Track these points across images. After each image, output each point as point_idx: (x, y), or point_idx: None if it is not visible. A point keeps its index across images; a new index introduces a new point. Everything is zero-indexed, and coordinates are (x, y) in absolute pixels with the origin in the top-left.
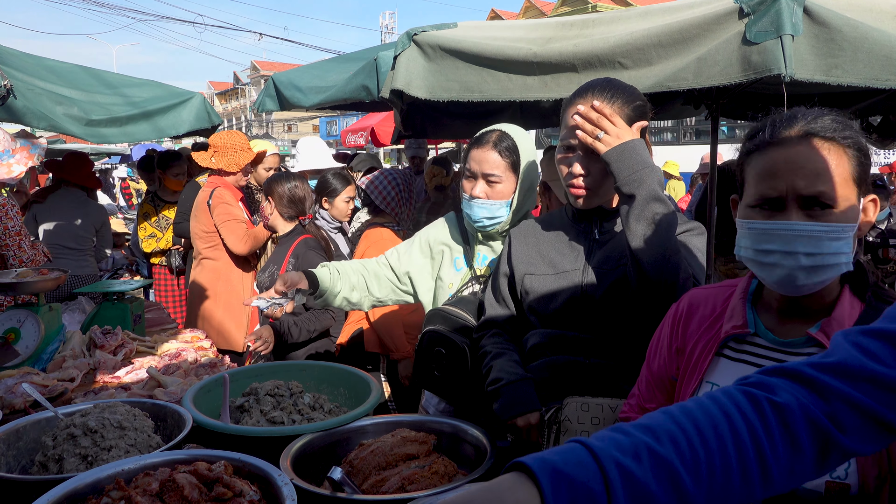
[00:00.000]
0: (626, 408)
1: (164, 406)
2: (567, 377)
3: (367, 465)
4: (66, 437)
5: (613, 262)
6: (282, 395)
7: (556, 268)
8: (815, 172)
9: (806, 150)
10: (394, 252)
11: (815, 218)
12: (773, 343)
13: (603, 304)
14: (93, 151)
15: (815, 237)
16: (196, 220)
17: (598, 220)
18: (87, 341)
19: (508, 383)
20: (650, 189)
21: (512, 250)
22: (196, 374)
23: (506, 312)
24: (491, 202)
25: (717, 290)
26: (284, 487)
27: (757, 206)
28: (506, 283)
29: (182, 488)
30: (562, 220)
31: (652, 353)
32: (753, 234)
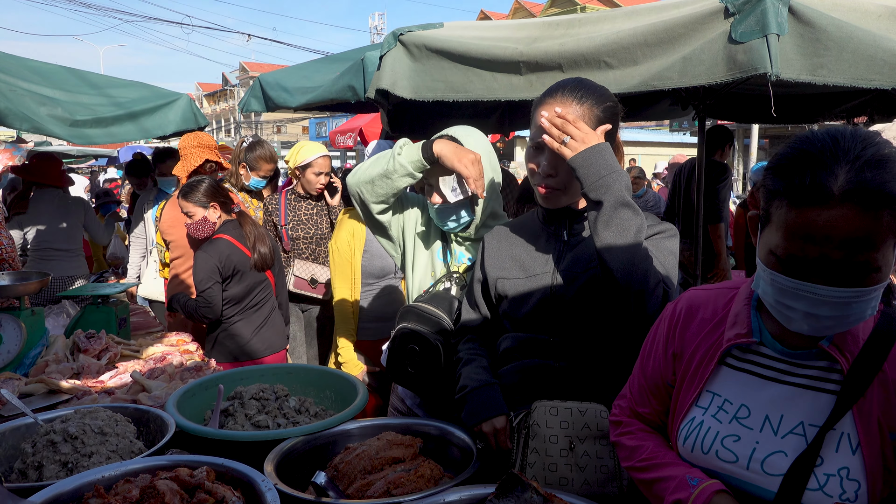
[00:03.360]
0: (616, 410)
1: (147, 411)
2: (537, 381)
3: (353, 469)
4: (46, 444)
5: (583, 265)
6: (267, 399)
7: (527, 271)
8: (856, 243)
9: (848, 215)
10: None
11: (848, 284)
12: (780, 354)
13: (573, 306)
14: (79, 154)
15: (844, 303)
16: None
17: (567, 223)
18: (70, 345)
19: (473, 390)
20: (617, 194)
21: (485, 255)
22: (181, 377)
23: (479, 318)
24: (450, 206)
25: (718, 292)
26: (268, 493)
27: (783, 258)
28: (479, 288)
29: (163, 495)
30: (533, 224)
31: (646, 355)
32: (776, 286)
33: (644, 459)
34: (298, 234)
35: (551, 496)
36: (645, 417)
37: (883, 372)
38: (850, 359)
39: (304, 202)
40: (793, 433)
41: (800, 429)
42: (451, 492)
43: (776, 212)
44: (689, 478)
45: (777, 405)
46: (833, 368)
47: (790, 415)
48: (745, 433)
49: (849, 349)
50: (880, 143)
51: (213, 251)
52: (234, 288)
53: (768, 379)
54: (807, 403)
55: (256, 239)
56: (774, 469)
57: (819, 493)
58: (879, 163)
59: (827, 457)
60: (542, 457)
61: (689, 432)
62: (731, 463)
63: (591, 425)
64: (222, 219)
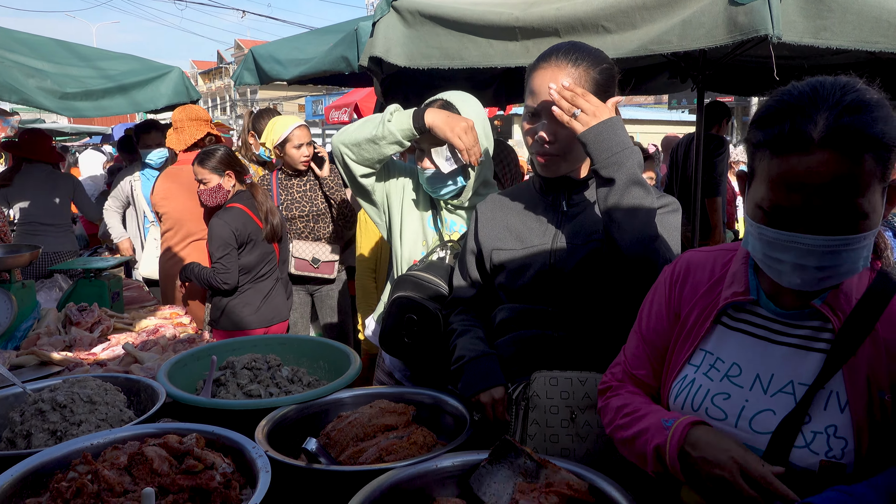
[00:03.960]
0: (607, 377)
1: (138, 381)
2: (535, 351)
3: (345, 437)
4: (35, 413)
5: (584, 237)
6: (259, 369)
7: (525, 242)
8: (839, 187)
9: (829, 159)
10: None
11: (835, 232)
12: (774, 313)
13: (573, 278)
14: (73, 131)
15: (833, 252)
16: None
17: (566, 192)
18: (62, 318)
19: (470, 360)
20: (630, 172)
21: (479, 226)
22: (174, 350)
23: (473, 290)
24: (441, 172)
25: (717, 253)
26: (259, 459)
27: (769, 211)
28: (473, 260)
29: (151, 461)
30: (529, 193)
31: (643, 317)
32: (764, 240)
33: (627, 414)
34: (294, 213)
35: (545, 462)
36: (640, 380)
37: (875, 331)
38: (843, 318)
39: (295, 180)
40: (782, 392)
41: (789, 388)
42: (443, 458)
43: (760, 164)
44: (664, 420)
45: (768, 364)
46: (825, 328)
47: (780, 374)
48: (735, 391)
49: (841, 308)
50: (861, 89)
51: (229, 219)
52: (247, 257)
53: (761, 338)
54: (797, 363)
55: (269, 210)
56: (762, 427)
57: (805, 451)
58: (859, 107)
59: (815, 415)
60: (542, 428)
61: (680, 390)
62: (720, 420)
63: (591, 395)
64: (236, 188)
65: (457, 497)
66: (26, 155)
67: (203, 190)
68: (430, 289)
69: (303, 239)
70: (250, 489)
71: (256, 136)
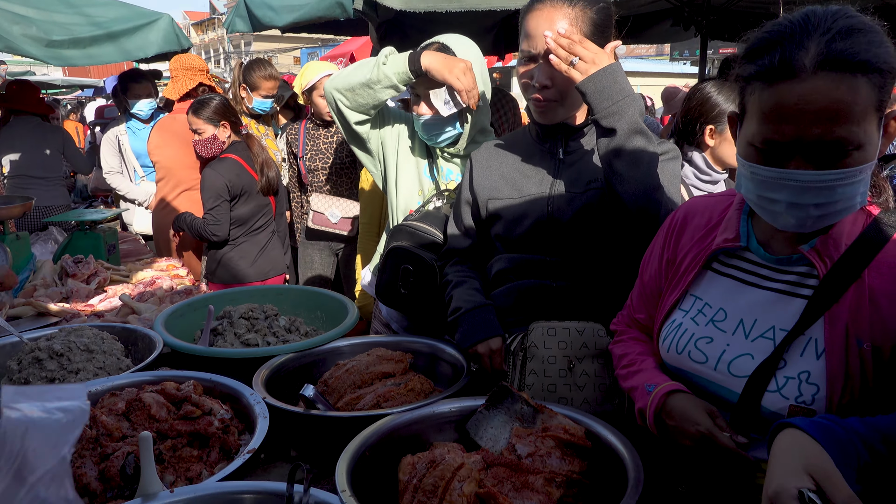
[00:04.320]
0: (615, 321)
1: (134, 330)
2: (533, 302)
3: (342, 384)
4: (32, 361)
5: (583, 185)
6: (256, 318)
7: (521, 191)
8: (832, 116)
9: (822, 86)
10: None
11: (830, 165)
12: (763, 259)
13: (571, 227)
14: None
15: (828, 187)
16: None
17: (563, 139)
18: (58, 270)
19: (467, 311)
20: (631, 121)
21: (473, 175)
22: (171, 301)
23: (468, 241)
24: (437, 118)
25: (718, 199)
26: (256, 406)
27: (761, 148)
28: (468, 210)
29: (149, 407)
30: (526, 140)
31: (644, 264)
32: (757, 179)
33: (625, 366)
34: (316, 164)
35: (541, 407)
36: (642, 324)
37: (861, 279)
38: (829, 265)
39: (323, 130)
40: (763, 337)
41: (770, 333)
42: (440, 404)
43: (751, 99)
44: (647, 385)
45: (753, 309)
46: (811, 274)
47: (763, 319)
48: (718, 336)
49: (829, 255)
50: (853, 15)
51: (222, 169)
52: (241, 209)
53: (749, 284)
54: (781, 308)
55: (264, 161)
56: (740, 371)
57: (776, 395)
58: (851, 32)
59: (790, 360)
60: (540, 378)
61: (667, 334)
62: (701, 364)
63: (589, 344)
64: (231, 139)
65: (454, 442)
66: (14, 106)
67: (198, 141)
68: (426, 239)
69: (323, 193)
70: (249, 435)
71: (248, 88)
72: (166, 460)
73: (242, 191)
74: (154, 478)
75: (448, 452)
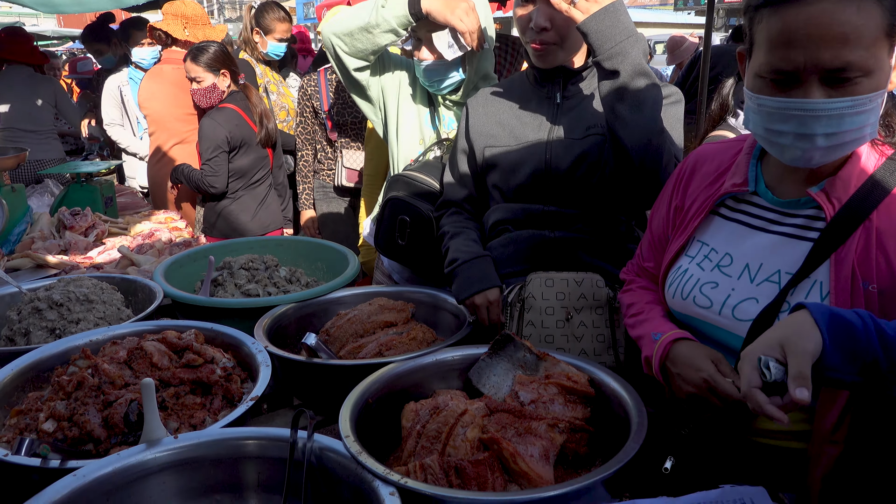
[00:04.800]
0: (626, 267)
1: (134, 280)
2: (531, 252)
3: (344, 333)
4: (32, 311)
5: (582, 131)
6: (256, 269)
7: (519, 138)
8: (841, 39)
9: (830, 7)
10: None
11: (839, 93)
12: (771, 203)
13: (569, 175)
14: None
15: (837, 116)
16: (173, 99)
17: (561, 83)
18: (55, 223)
19: (464, 263)
20: (635, 62)
21: (469, 123)
22: (170, 253)
23: (465, 191)
24: (439, 63)
25: (728, 145)
26: (258, 354)
27: (768, 78)
28: (465, 159)
29: (150, 355)
30: (523, 86)
31: (653, 212)
32: (764, 111)
33: (633, 315)
34: (345, 119)
35: (544, 354)
36: (650, 272)
37: (869, 220)
38: (837, 207)
39: None
40: (768, 281)
41: (775, 276)
42: (443, 352)
43: (758, 28)
44: (653, 334)
45: (759, 253)
46: (818, 217)
47: (769, 263)
48: (723, 280)
49: (837, 196)
50: None
51: (222, 120)
52: (240, 161)
53: (756, 228)
54: (787, 252)
55: (263, 112)
56: (744, 315)
57: None
58: None
59: (794, 303)
60: (538, 329)
61: (673, 280)
62: (706, 308)
63: (587, 295)
64: (230, 88)
65: (457, 390)
66: (7, 56)
67: (196, 90)
68: (424, 189)
69: (353, 149)
70: (251, 383)
71: (262, 32)
72: (169, 408)
73: (242, 142)
74: (157, 424)
75: (451, 399)
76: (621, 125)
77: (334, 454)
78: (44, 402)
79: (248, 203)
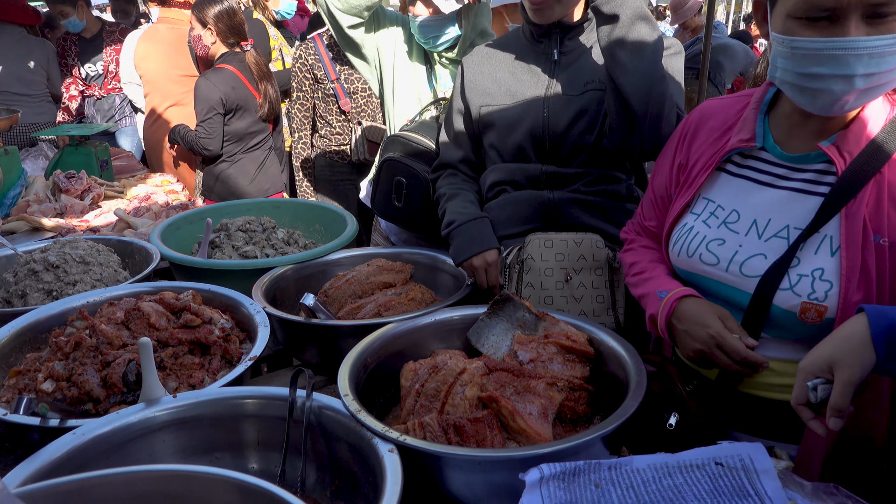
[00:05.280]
0: (626, 227)
1: (130, 242)
2: (529, 213)
3: (343, 294)
4: (28, 273)
5: (580, 87)
6: (254, 231)
7: (515, 96)
8: None
9: None
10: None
11: (878, 30)
12: (779, 158)
13: (568, 132)
14: None
15: (879, 54)
16: (168, 59)
17: (559, 38)
18: (51, 186)
19: (461, 225)
20: (635, 6)
21: (465, 82)
22: (167, 216)
23: (461, 152)
24: (435, 19)
25: (733, 100)
26: (257, 315)
27: (803, 19)
28: (461, 119)
29: (148, 316)
30: (519, 42)
31: (655, 170)
32: (798, 54)
33: (636, 274)
34: (356, 86)
35: (543, 314)
36: (651, 231)
37: (881, 174)
38: (849, 160)
39: None
40: (776, 236)
41: (784, 232)
42: (442, 312)
43: None
44: (658, 292)
45: (767, 209)
46: (829, 171)
47: (778, 219)
48: (730, 237)
49: (849, 149)
50: None
51: (217, 80)
52: (237, 124)
53: (764, 184)
54: (797, 207)
55: (264, 76)
56: (752, 271)
57: (788, 293)
58: None
59: (804, 258)
60: (537, 290)
61: (678, 238)
62: (712, 265)
63: (586, 256)
64: (217, 46)
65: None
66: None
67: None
68: (420, 150)
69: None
70: (250, 344)
71: None
72: (168, 368)
73: (238, 105)
74: (156, 383)
75: (450, 358)
76: (622, 71)
77: (333, 412)
78: (42, 363)
79: (246, 166)
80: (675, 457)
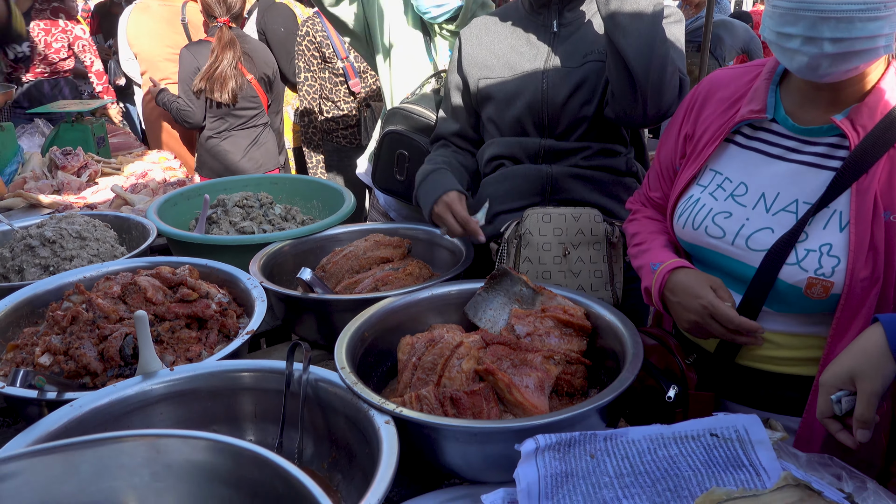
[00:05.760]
0: (632, 197)
1: (127, 218)
2: (528, 187)
3: (340, 269)
4: (24, 248)
5: (579, 59)
6: (251, 206)
7: (513, 69)
8: None
9: None
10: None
11: None
12: (790, 131)
13: (567, 105)
14: None
15: (847, 19)
16: (161, 38)
17: (558, 9)
18: (47, 163)
19: (420, 183)
20: None
21: (462, 55)
22: (164, 192)
23: (456, 125)
24: None
25: (744, 70)
26: (254, 290)
27: None
28: (458, 93)
29: (145, 290)
30: (518, 13)
31: (662, 140)
32: (777, 13)
33: (636, 245)
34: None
35: (540, 288)
36: (656, 202)
37: (894, 148)
38: (863, 134)
39: None
40: (785, 210)
41: (793, 206)
42: (439, 286)
43: None
44: (652, 264)
45: (776, 183)
46: (841, 145)
47: (787, 192)
48: (737, 210)
49: (862, 123)
50: None
51: (197, 52)
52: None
53: (774, 157)
54: (806, 181)
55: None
56: (759, 245)
57: (795, 268)
58: None
59: (812, 233)
60: (535, 265)
61: (684, 210)
62: (718, 238)
63: (584, 231)
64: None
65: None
66: None
67: None
68: (422, 122)
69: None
70: (247, 318)
71: None
72: (165, 342)
73: None
74: (153, 356)
75: (447, 332)
76: (622, 34)
77: (330, 385)
78: (39, 337)
79: (238, 142)
80: (670, 428)
